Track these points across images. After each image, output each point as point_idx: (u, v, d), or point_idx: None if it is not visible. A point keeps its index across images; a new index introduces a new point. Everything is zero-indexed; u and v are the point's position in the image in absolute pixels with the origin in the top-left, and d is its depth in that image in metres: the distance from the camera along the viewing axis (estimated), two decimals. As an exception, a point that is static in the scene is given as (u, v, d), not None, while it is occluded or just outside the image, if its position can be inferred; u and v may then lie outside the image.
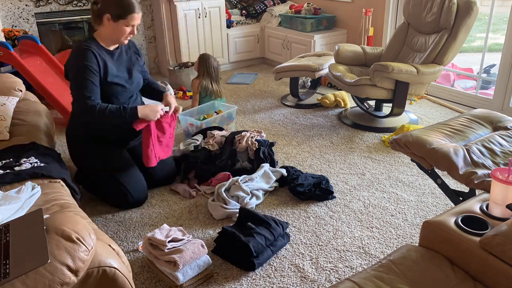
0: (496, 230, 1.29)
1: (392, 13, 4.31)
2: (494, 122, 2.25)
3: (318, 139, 3.36)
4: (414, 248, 1.45)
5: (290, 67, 3.96)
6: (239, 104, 4.17)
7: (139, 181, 2.52)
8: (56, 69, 3.87)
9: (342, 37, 4.85)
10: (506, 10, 3.71)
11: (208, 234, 2.28)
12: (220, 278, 1.96)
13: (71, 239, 1.28)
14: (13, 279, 1.15)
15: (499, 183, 1.43)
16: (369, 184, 2.71)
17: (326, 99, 4.00)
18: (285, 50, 5.09)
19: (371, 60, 3.71)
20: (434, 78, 3.28)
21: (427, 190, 2.62)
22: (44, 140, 2.48)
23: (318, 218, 2.38)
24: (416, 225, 2.29)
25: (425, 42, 3.43)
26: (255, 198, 2.51)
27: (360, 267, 2.01)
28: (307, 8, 4.94)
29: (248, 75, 5.10)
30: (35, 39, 3.86)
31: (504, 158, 1.94)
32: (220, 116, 3.37)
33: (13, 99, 2.74)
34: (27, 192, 1.75)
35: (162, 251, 1.90)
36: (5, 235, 1.31)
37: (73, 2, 4.70)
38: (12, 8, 4.40)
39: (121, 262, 1.43)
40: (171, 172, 2.76)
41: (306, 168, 2.92)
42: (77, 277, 1.25)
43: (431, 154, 1.95)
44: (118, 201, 2.50)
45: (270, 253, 2.06)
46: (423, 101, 4.12)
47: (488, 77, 4.37)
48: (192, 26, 4.83)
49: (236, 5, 5.60)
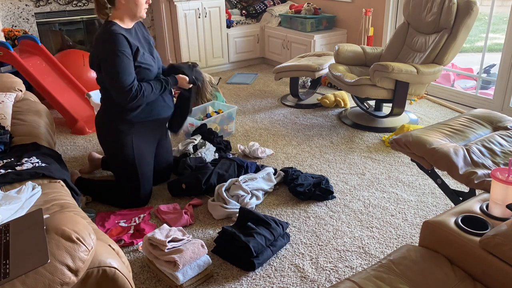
0: (496, 230, 1.29)
1: (392, 13, 4.31)
2: (494, 122, 2.25)
3: (318, 139, 3.36)
4: (414, 248, 1.45)
5: (290, 67, 3.96)
6: (239, 104, 4.17)
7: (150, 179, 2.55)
8: (56, 69, 3.87)
9: (342, 37, 4.85)
10: (506, 10, 3.71)
11: (208, 234, 2.28)
12: (220, 278, 1.96)
13: (71, 239, 1.28)
14: (13, 279, 1.15)
15: (499, 183, 1.43)
16: (369, 184, 2.71)
17: (326, 99, 4.00)
18: (285, 50, 5.09)
19: (371, 60, 3.71)
20: (434, 78, 3.28)
21: (427, 190, 2.62)
22: (44, 140, 2.47)
23: (318, 218, 2.38)
24: (416, 225, 2.29)
25: (425, 42, 3.43)
26: (255, 198, 2.51)
27: (360, 267, 2.01)
28: (307, 8, 4.94)
29: (248, 75, 5.10)
30: (35, 39, 3.86)
31: (504, 158, 1.94)
32: (220, 116, 3.37)
33: (10, 95, 2.74)
34: (27, 192, 1.75)
35: (162, 251, 1.90)
36: (5, 235, 1.31)
37: (73, 2, 4.70)
38: (12, 8, 4.40)
39: (121, 262, 1.43)
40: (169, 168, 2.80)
41: (306, 168, 2.92)
42: (77, 277, 1.25)
43: (431, 154, 1.95)
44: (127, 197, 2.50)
45: (270, 253, 2.06)
46: (423, 101, 4.12)
47: (488, 77, 4.37)
48: (192, 26, 4.82)
49: (236, 5, 5.60)
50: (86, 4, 4.74)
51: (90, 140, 3.48)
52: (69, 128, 3.67)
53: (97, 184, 2.64)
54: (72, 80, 3.86)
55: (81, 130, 3.59)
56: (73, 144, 3.42)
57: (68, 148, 3.35)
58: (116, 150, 2.42)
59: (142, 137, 2.45)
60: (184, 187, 2.58)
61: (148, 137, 2.49)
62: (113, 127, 2.39)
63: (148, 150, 2.51)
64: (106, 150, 2.52)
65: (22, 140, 2.38)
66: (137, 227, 2.31)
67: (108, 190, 2.58)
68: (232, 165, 2.74)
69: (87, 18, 4.82)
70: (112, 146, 2.44)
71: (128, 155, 2.41)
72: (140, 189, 2.48)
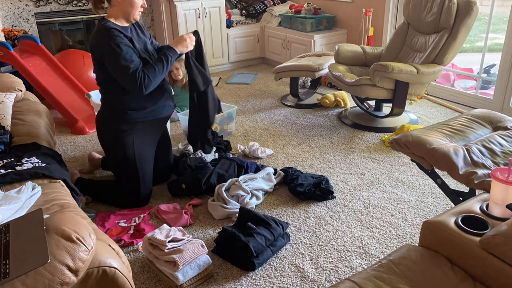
0: (496, 230, 1.29)
1: (392, 13, 4.31)
2: (494, 122, 2.25)
3: (318, 139, 3.36)
4: (414, 248, 1.45)
5: (290, 67, 3.96)
6: (239, 104, 4.17)
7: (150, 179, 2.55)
8: (56, 69, 3.87)
9: (342, 37, 4.85)
10: (506, 10, 3.71)
11: (208, 234, 2.28)
12: (220, 278, 1.96)
13: (71, 239, 1.28)
14: (13, 279, 1.15)
15: (499, 183, 1.43)
16: (369, 184, 2.71)
17: (326, 99, 4.00)
18: (285, 50, 5.09)
19: (371, 60, 3.71)
20: (434, 78, 3.28)
21: (427, 190, 2.62)
22: (44, 140, 2.47)
23: (318, 218, 2.38)
24: (416, 225, 2.29)
25: (425, 42, 3.43)
26: (255, 198, 2.51)
27: (360, 267, 2.01)
28: (307, 8, 4.94)
29: (248, 75, 5.10)
30: (35, 39, 3.86)
31: (504, 158, 1.94)
32: (220, 116, 3.37)
33: (10, 95, 2.74)
34: (27, 192, 1.75)
35: (162, 251, 1.90)
36: (5, 235, 1.31)
37: (73, 2, 4.70)
38: (12, 8, 4.40)
39: (121, 262, 1.43)
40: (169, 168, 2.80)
41: (306, 168, 2.92)
42: (77, 277, 1.25)
43: (431, 154, 1.95)
44: (127, 197, 2.50)
45: (270, 253, 2.06)
46: (423, 101, 4.12)
47: (488, 77, 4.37)
48: (192, 26, 4.82)
49: (236, 5, 5.60)
50: (86, 4, 4.74)
51: (90, 140, 3.48)
52: (69, 128, 3.67)
53: (97, 184, 2.64)
54: (72, 80, 3.86)
55: (81, 130, 3.59)
56: (73, 144, 3.42)
57: (68, 148, 3.35)
58: (117, 150, 2.42)
59: (143, 137, 2.45)
60: (184, 187, 2.58)
61: (148, 137, 2.49)
62: (114, 127, 2.39)
63: (149, 150, 2.52)
64: (107, 150, 2.52)
65: (22, 140, 2.38)
66: (137, 227, 2.31)
67: (108, 190, 2.58)
68: (232, 165, 2.74)
69: (87, 18, 4.82)
70: (112, 146, 2.44)
71: (128, 155, 2.41)
72: (140, 189, 2.48)
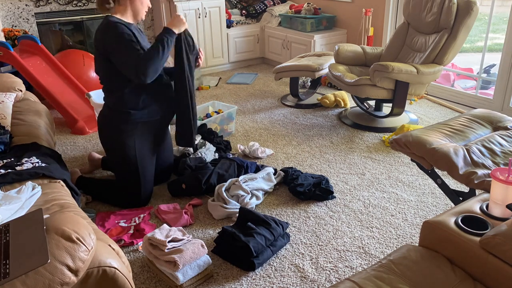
0: (496, 230, 1.29)
1: (392, 13, 4.31)
2: (494, 122, 2.25)
3: (318, 139, 3.36)
4: (414, 248, 1.45)
5: (290, 67, 3.96)
6: (239, 104, 4.17)
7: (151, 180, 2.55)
8: (56, 69, 3.87)
9: (342, 37, 4.85)
10: (506, 10, 3.71)
11: (208, 234, 2.28)
12: (220, 278, 1.96)
13: (71, 239, 1.28)
14: (13, 279, 1.15)
15: (499, 183, 1.43)
16: (369, 184, 2.71)
17: (326, 99, 4.00)
18: (285, 50, 5.09)
19: (371, 60, 3.71)
20: (434, 78, 3.28)
21: (427, 190, 2.62)
22: (44, 140, 2.47)
23: (318, 218, 2.38)
24: (416, 225, 2.29)
25: (425, 42, 3.43)
26: (255, 198, 2.51)
27: (360, 267, 2.01)
28: (307, 8, 4.94)
29: (248, 75, 5.10)
30: (35, 39, 3.86)
31: (504, 158, 1.94)
32: (220, 116, 3.37)
33: (10, 95, 2.74)
34: (27, 192, 1.75)
35: (162, 251, 1.90)
36: (5, 235, 1.31)
37: (73, 2, 4.70)
38: (12, 8, 4.40)
39: (121, 262, 1.43)
40: (170, 168, 2.80)
41: (306, 168, 2.92)
42: (77, 277, 1.25)
43: (431, 154, 1.95)
44: (127, 197, 2.50)
45: (270, 253, 2.06)
46: (423, 101, 4.12)
47: (488, 77, 4.37)
48: (192, 26, 4.82)
49: (236, 5, 5.60)
50: (86, 4, 4.74)
51: (90, 140, 3.48)
52: (69, 128, 3.67)
53: (98, 184, 2.64)
54: (72, 80, 3.86)
55: (81, 130, 3.59)
56: (73, 144, 3.42)
57: (68, 148, 3.35)
58: (118, 150, 2.42)
59: (145, 137, 2.45)
60: (184, 187, 2.58)
61: (150, 138, 2.49)
62: (116, 128, 2.39)
63: (150, 151, 2.51)
64: (108, 150, 2.52)
65: (22, 140, 2.38)
66: (137, 227, 2.31)
67: (108, 190, 2.58)
68: (232, 165, 2.74)
69: (87, 18, 4.82)
70: (114, 147, 2.44)
71: (130, 155, 2.41)
72: (141, 189, 2.48)
